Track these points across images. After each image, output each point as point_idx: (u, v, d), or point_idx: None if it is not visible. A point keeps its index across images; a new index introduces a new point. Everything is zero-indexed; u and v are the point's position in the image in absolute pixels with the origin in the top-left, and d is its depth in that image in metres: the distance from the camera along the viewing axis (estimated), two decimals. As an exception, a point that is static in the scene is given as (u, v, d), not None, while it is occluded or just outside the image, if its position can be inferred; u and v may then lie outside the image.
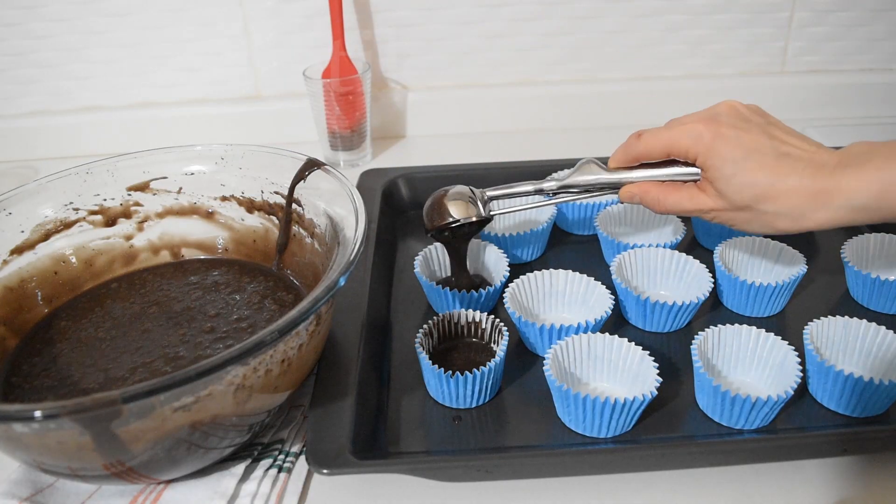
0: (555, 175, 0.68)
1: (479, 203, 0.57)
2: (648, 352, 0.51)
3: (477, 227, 0.58)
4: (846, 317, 0.53)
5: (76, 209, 0.57)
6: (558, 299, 0.60)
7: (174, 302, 0.56)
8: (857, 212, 0.46)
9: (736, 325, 0.53)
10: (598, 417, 0.48)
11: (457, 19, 0.89)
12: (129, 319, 0.55)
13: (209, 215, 0.61)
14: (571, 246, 0.71)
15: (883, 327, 0.52)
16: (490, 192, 0.58)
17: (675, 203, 0.52)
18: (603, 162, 0.56)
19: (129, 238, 0.60)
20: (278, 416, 0.51)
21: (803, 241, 0.69)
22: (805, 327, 0.53)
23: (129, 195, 0.59)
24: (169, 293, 0.57)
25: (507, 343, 0.52)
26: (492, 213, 0.58)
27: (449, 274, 0.64)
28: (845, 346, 0.53)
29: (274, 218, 0.59)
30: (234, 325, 0.53)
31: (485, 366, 0.50)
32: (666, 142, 0.51)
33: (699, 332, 0.52)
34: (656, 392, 0.48)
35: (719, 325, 0.53)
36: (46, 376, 0.50)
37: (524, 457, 0.48)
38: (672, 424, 0.50)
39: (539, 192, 0.57)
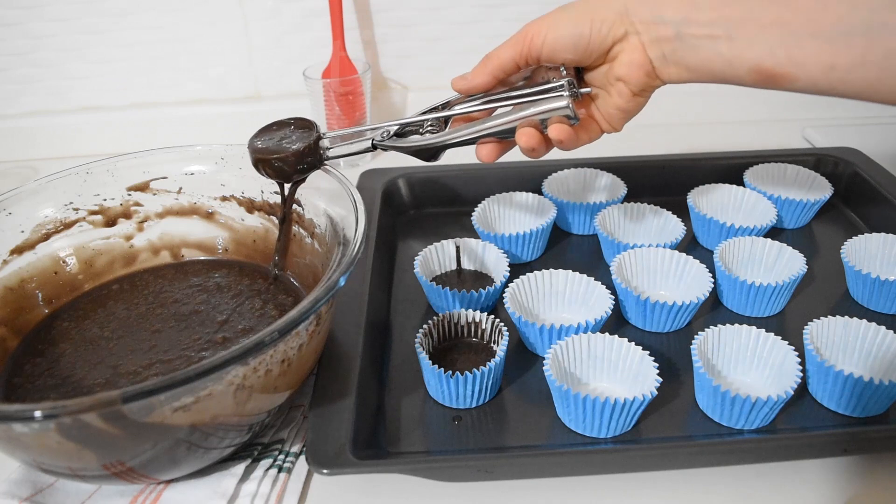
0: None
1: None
2: (648, 352, 0.51)
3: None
4: (846, 317, 0.53)
5: (76, 209, 0.57)
6: (558, 299, 0.60)
7: (180, 305, 0.56)
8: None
9: (736, 325, 0.53)
10: (598, 417, 0.48)
11: (457, 19, 0.89)
12: (135, 320, 0.55)
13: (209, 215, 0.61)
14: (571, 246, 0.71)
15: (883, 327, 0.52)
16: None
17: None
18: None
19: (129, 238, 0.60)
20: (278, 416, 0.51)
21: (803, 242, 0.69)
22: (805, 327, 0.53)
23: (129, 195, 0.59)
24: (172, 295, 0.57)
25: (507, 343, 0.52)
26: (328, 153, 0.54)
27: (446, 271, 0.64)
28: (845, 346, 0.53)
29: (274, 218, 0.59)
30: (240, 333, 0.53)
31: (485, 366, 0.50)
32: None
33: (699, 332, 0.52)
34: (656, 392, 0.48)
35: (719, 325, 0.53)
36: (49, 376, 0.50)
37: (524, 457, 0.48)
38: (672, 424, 0.50)
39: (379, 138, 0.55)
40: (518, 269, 0.65)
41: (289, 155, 0.52)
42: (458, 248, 0.64)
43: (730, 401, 0.48)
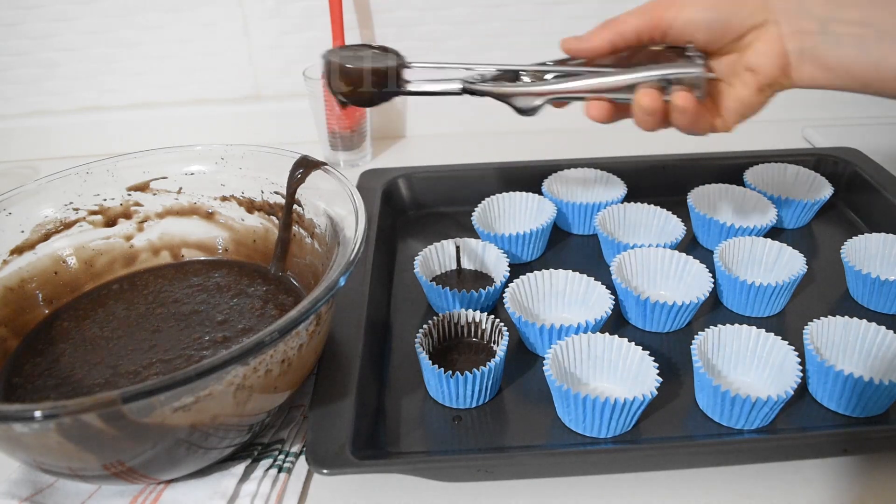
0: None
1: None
2: (648, 352, 0.51)
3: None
4: (846, 317, 0.53)
5: (76, 209, 0.57)
6: (558, 299, 0.60)
7: (180, 305, 0.56)
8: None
9: (736, 325, 0.53)
10: (598, 417, 0.48)
11: (457, 19, 0.89)
12: (135, 320, 0.55)
13: (209, 215, 0.61)
14: (571, 246, 0.71)
15: (883, 327, 0.52)
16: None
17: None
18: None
19: (129, 238, 0.60)
20: (278, 416, 0.51)
21: (803, 242, 0.69)
22: (805, 327, 0.53)
23: (129, 195, 0.59)
24: (172, 295, 0.57)
25: (507, 343, 0.52)
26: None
27: (446, 271, 0.64)
28: (845, 346, 0.53)
29: (274, 218, 0.59)
30: (240, 333, 0.53)
31: (485, 366, 0.50)
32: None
33: (699, 332, 0.52)
34: (656, 392, 0.48)
35: (719, 325, 0.53)
36: (49, 376, 0.50)
37: (524, 457, 0.48)
38: (672, 424, 0.50)
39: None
40: (518, 269, 0.65)
41: (368, 71, 0.48)
42: (458, 248, 0.64)
43: (730, 401, 0.48)
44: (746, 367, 0.53)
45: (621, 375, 0.52)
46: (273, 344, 0.39)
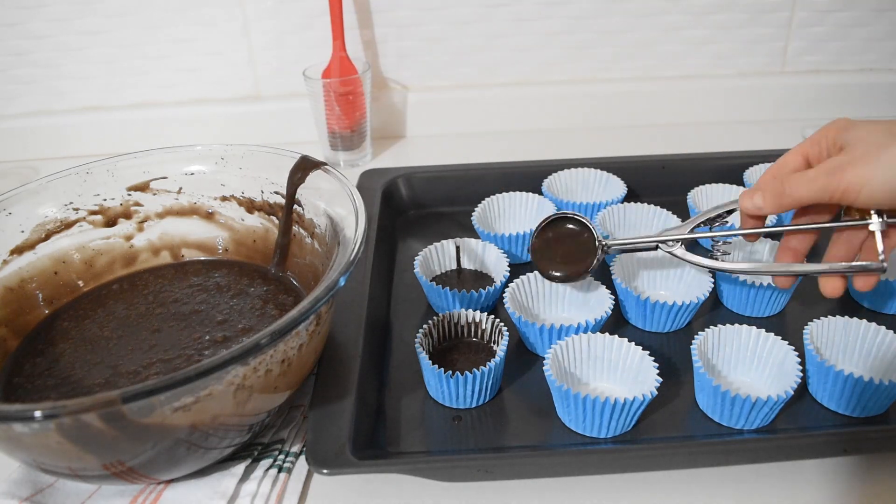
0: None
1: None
2: (648, 352, 0.51)
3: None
4: (846, 317, 0.53)
5: (76, 209, 0.57)
6: (558, 299, 0.60)
7: (180, 304, 0.56)
8: None
9: (736, 325, 0.53)
10: (598, 417, 0.48)
11: (457, 19, 0.89)
12: (136, 320, 0.55)
13: (209, 215, 0.61)
14: (571, 246, 0.71)
15: (883, 327, 0.52)
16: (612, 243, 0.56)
17: None
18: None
19: (129, 238, 0.60)
20: (278, 416, 0.51)
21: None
22: (805, 327, 0.53)
23: (129, 195, 0.59)
24: (172, 295, 0.57)
25: (507, 343, 0.52)
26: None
27: (446, 271, 0.64)
28: (845, 346, 0.53)
29: (274, 218, 0.59)
30: (240, 333, 0.53)
31: (485, 366, 0.50)
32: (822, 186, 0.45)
33: (699, 332, 0.52)
34: (656, 392, 0.48)
35: (719, 325, 0.53)
36: (50, 375, 0.50)
37: (524, 457, 0.48)
38: (672, 424, 0.50)
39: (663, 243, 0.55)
40: (518, 269, 0.65)
41: (581, 273, 0.56)
42: (458, 248, 0.64)
43: (730, 401, 0.48)
44: (746, 367, 0.53)
45: (621, 375, 0.52)
46: (273, 344, 0.39)
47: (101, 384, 0.48)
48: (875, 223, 0.48)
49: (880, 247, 0.48)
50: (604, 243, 0.56)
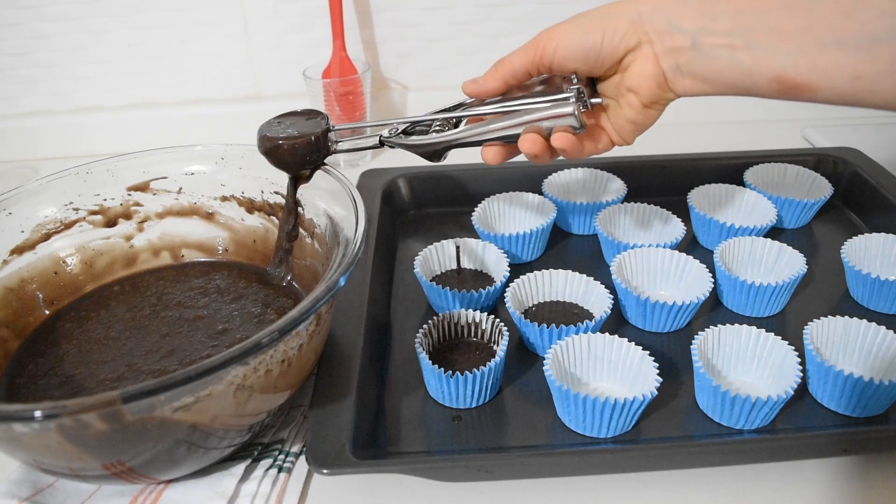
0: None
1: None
2: (648, 352, 0.51)
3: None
4: (846, 317, 0.53)
5: (76, 209, 0.57)
6: (558, 299, 0.60)
7: (181, 307, 0.56)
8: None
9: (736, 325, 0.53)
10: (598, 417, 0.48)
11: (457, 19, 0.89)
12: (138, 321, 0.55)
13: (209, 216, 0.61)
14: (571, 246, 0.71)
15: (883, 327, 0.52)
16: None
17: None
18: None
19: (129, 238, 0.60)
20: (278, 416, 0.51)
21: (803, 241, 0.69)
22: (805, 327, 0.53)
23: (129, 195, 0.59)
24: (174, 297, 0.57)
25: (507, 343, 0.52)
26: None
27: (446, 271, 0.64)
28: (845, 346, 0.53)
29: (274, 218, 0.59)
30: (240, 333, 0.53)
31: (485, 366, 0.50)
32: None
33: (699, 332, 0.52)
34: (656, 392, 0.48)
35: (719, 325, 0.53)
36: (52, 375, 0.50)
37: (524, 457, 0.48)
38: (672, 424, 0.50)
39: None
40: (518, 269, 0.66)
41: (298, 143, 0.52)
42: (458, 248, 0.64)
43: (730, 401, 0.48)
44: (746, 367, 0.53)
45: (621, 375, 0.52)
46: (273, 344, 0.39)
47: (102, 384, 0.48)
48: (573, 86, 0.50)
49: (573, 96, 0.49)
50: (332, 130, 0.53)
